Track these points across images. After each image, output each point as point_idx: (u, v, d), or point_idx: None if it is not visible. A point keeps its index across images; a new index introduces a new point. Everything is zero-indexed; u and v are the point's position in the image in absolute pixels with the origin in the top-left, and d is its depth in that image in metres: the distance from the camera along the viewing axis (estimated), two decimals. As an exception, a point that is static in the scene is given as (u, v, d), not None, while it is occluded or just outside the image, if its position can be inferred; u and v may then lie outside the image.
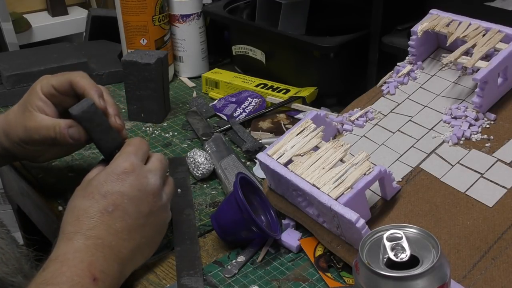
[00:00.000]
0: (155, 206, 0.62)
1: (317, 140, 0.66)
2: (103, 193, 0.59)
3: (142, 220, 0.60)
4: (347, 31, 0.96)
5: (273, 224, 0.69)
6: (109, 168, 0.61)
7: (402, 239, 0.46)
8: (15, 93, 1.05)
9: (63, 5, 1.82)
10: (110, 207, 0.58)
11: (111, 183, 0.59)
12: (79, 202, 0.59)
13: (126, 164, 0.61)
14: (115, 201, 0.58)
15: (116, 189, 0.59)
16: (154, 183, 0.62)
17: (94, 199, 0.58)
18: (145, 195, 0.60)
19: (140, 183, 0.60)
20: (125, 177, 0.60)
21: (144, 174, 0.61)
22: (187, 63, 1.15)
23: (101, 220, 0.57)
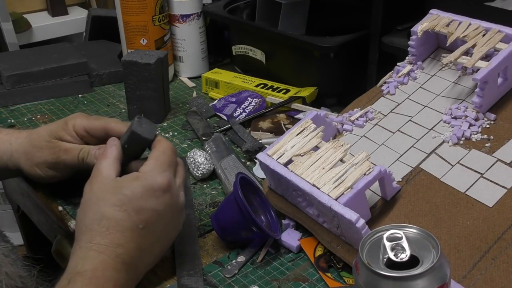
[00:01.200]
0: (180, 221, 0.63)
1: (317, 140, 0.66)
2: (137, 209, 0.57)
3: (165, 236, 0.61)
4: (347, 31, 0.96)
5: (273, 224, 0.69)
6: (145, 181, 0.58)
7: (402, 239, 0.46)
8: (15, 93, 1.05)
9: (63, 5, 1.81)
10: (141, 224, 0.57)
11: (148, 198, 0.58)
12: (109, 211, 0.57)
13: (164, 180, 0.59)
14: (148, 218, 0.57)
15: (151, 207, 0.58)
16: (183, 200, 0.62)
17: (127, 213, 0.57)
18: (176, 213, 0.61)
19: (174, 203, 0.60)
20: (161, 195, 0.58)
21: (177, 192, 0.61)
22: (187, 63, 1.15)
23: (132, 237, 0.56)
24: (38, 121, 1.00)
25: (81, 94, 1.09)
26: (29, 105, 1.06)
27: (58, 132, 0.71)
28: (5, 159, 0.74)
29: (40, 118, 1.01)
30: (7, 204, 1.65)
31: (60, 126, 0.72)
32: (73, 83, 1.09)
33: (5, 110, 1.05)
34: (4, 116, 1.02)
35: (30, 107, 1.06)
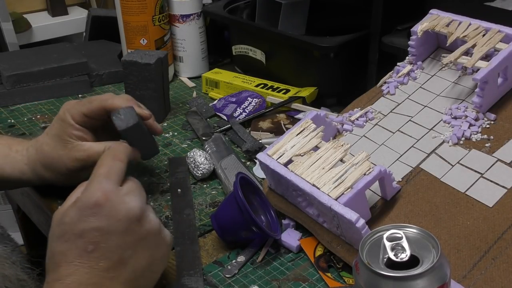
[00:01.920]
0: (144, 231, 0.54)
1: (317, 140, 0.66)
2: (78, 233, 0.51)
3: (129, 251, 0.52)
4: (347, 31, 0.96)
5: (273, 224, 0.69)
6: (79, 201, 0.52)
7: (402, 239, 0.46)
8: (15, 93, 1.05)
9: (63, 5, 1.81)
10: (89, 247, 0.51)
11: (86, 219, 0.51)
12: (55, 246, 0.52)
13: (98, 194, 0.52)
14: (93, 239, 0.51)
15: (92, 226, 0.51)
16: (134, 205, 0.53)
17: (70, 241, 0.51)
18: (127, 223, 0.52)
19: (118, 212, 0.52)
20: (100, 210, 0.51)
21: (121, 200, 0.53)
22: (187, 63, 1.15)
23: (81, 264, 0.50)
24: (38, 121, 1.00)
25: (81, 94, 1.09)
26: (29, 105, 1.06)
27: (62, 132, 0.71)
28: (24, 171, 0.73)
29: (40, 118, 1.01)
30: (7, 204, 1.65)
31: (59, 124, 0.71)
32: (73, 83, 1.09)
33: (5, 110, 1.05)
34: (4, 116, 1.02)
35: (30, 107, 1.06)
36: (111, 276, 0.51)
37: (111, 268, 0.51)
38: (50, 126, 0.73)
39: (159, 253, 0.55)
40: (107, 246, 0.51)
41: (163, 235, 0.56)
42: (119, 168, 0.56)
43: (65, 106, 0.72)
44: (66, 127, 0.70)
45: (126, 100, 0.71)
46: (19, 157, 0.73)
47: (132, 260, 0.52)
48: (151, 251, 0.54)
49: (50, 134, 0.72)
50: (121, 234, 0.52)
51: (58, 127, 0.71)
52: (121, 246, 0.52)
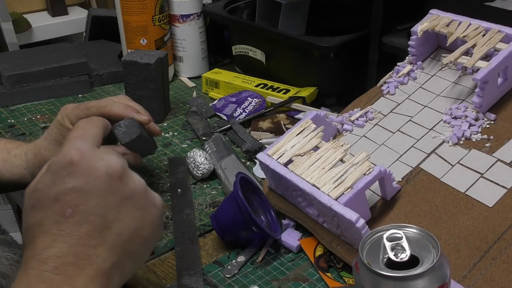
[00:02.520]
0: (127, 189, 0.47)
1: (317, 140, 0.66)
2: (53, 197, 0.45)
3: (113, 213, 0.46)
4: (347, 31, 0.96)
5: (273, 224, 0.69)
6: (52, 164, 0.46)
7: (402, 239, 0.46)
8: (15, 93, 1.05)
9: (63, 5, 1.81)
10: (68, 211, 0.44)
11: (59, 180, 0.45)
12: (30, 217, 0.45)
13: (71, 152, 0.46)
14: (71, 201, 0.45)
15: (68, 186, 0.45)
16: (114, 162, 0.47)
17: (45, 208, 0.45)
18: (108, 181, 0.46)
19: (96, 169, 0.46)
20: (75, 168, 0.45)
21: (98, 157, 0.47)
22: (187, 63, 1.15)
23: (59, 232, 0.44)
24: (38, 121, 1.00)
25: (81, 94, 1.09)
26: (29, 105, 1.06)
27: (61, 138, 0.70)
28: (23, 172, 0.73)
29: (40, 118, 1.01)
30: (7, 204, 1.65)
31: (58, 130, 0.70)
32: (73, 83, 1.09)
33: (5, 110, 1.05)
34: (4, 116, 1.02)
35: (30, 107, 1.06)
36: (94, 244, 0.44)
37: (94, 233, 0.45)
38: (48, 130, 0.72)
39: (148, 216, 0.48)
40: (86, 208, 0.45)
41: (150, 195, 0.50)
42: (95, 132, 0.51)
43: (64, 110, 0.70)
44: (65, 131, 0.70)
45: (124, 107, 0.70)
46: (18, 161, 0.73)
47: (116, 223, 0.46)
48: (138, 212, 0.48)
49: (49, 138, 0.72)
50: (102, 193, 0.46)
51: (57, 132, 0.71)
52: (103, 206, 0.45)
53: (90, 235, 0.44)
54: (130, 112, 0.70)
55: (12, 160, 0.73)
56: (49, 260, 0.43)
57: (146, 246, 0.49)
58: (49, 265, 0.43)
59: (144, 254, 0.49)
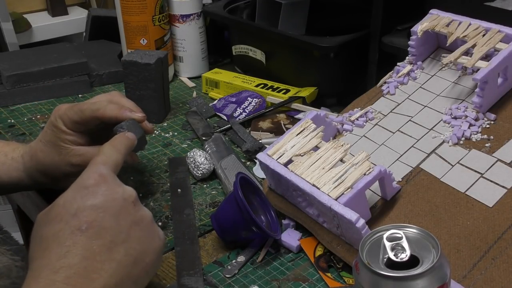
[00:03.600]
0: (138, 215, 0.52)
1: (317, 140, 0.66)
2: (73, 212, 0.49)
3: (123, 234, 0.50)
4: (347, 31, 0.96)
5: (273, 224, 0.69)
6: (75, 184, 0.51)
7: (402, 239, 0.46)
8: (15, 93, 1.05)
9: (63, 5, 1.81)
10: (84, 225, 0.48)
11: (81, 198, 0.50)
12: (46, 229, 0.49)
13: (95, 175, 0.51)
14: (88, 217, 0.49)
15: (88, 204, 0.49)
16: (130, 189, 0.53)
17: (63, 221, 0.48)
18: (123, 204, 0.51)
19: (115, 192, 0.51)
20: (97, 189, 0.51)
21: (117, 183, 0.53)
22: (187, 63, 1.15)
23: (74, 243, 0.47)
24: (38, 121, 1.00)
25: (81, 94, 1.09)
26: (29, 105, 1.06)
27: (55, 138, 0.69)
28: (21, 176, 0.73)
29: (40, 118, 1.01)
30: (7, 204, 1.65)
31: (51, 130, 0.69)
32: (73, 83, 1.09)
33: (5, 110, 1.05)
34: (4, 116, 1.02)
35: (30, 107, 1.06)
36: (102, 260, 0.48)
37: (104, 250, 0.48)
38: (42, 132, 0.72)
39: (153, 244, 0.52)
40: (101, 225, 0.49)
41: (156, 227, 0.54)
42: (117, 159, 0.56)
43: (57, 112, 0.70)
44: (59, 133, 0.69)
45: (117, 108, 0.68)
46: (15, 165, 0.72)
47: (125, 244, 0.50)
48: (144, 239, 0.52)
49: (44, 140, 0.71)
50: (116, 214, 0.50)
51: (51, 134, 0.70)
52: (115, 226, 0.50)
53: (101, 250, 0.48)
54: (124, 112, 0.69)
55: (9, 163, 0.73)
56: (61, 270, 0.45)
57: (146, 273, 0.52)
58: (60, 275, 0.45)
59: (144, 281, 0.52)
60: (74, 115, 0.68)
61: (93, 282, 0.46)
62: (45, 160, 0.70)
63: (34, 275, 0.46)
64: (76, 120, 0.68)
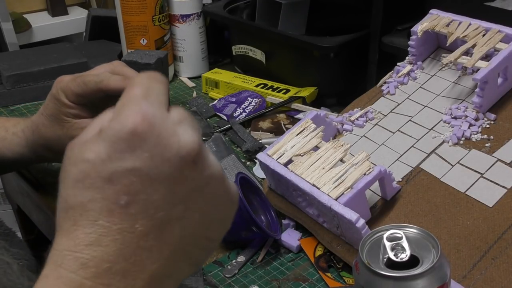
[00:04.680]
0: (200, 178, 0.36)
1: (317, 140, 0.66)
2: (106, 177, 0.34)
3: (179, 208, 0.35)
4: (347, 31, 0.96)
5: (273, 224, 0.69)
6: (108, 130, 0.34)
7: (402, 239, 0.46)
8: (15, 93, 1.05)
9: (63, 5, 1.81)
10: (123, 198, 0.34)
11: (117, 155, 0.34)
12: (72, 194, 0.35)
13: (136, 118, 0.34)
14: (129, 186, 0.34)
15: (127, 166, 0.34)
16: (189, 139, 0.35)
17: (94, 188, 0.34)
18: (179, 165, 0.35)
19: (168, 146, 0.34)
20: (140, 143, 0.34)
21: (171, 129, 0.35)
22: (187, 63, 1.15)
23: (109, 223, 0.34)
24: (38, 121, 1.00)
25: (81, 94, 1.09)
26: (29, 105, 1.06)
27: (57, 112, 0.66)
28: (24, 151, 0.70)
29: (40, 118, 1.01)
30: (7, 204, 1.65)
31: (53, 104, 0.66)
32: (73, 83, 1.09)
33: (5, 110, 1.05)
34: (4, 116, 1.02)
35: (30, 107, 1.06)
36: (150, 245, 0.34)
37: (152, 231, 0.34)
38: (44, 105, 0.68)
39: (221, 213, 0.39)
40: (149, 198, 0.34)
41: (227, 186, 0.39)
42: (162, 91, 0.37)
43: (58, 84, 0.65)
44: (61, 106, 0.65)
45: (121, 79, 0.64)
46: (17, 140, 0.70)
47: (182, 221, 0.36)
48: (209, 208, 0.37)
49: (45, 114, 0.67)
50: (170, 182, 0.35)
51: (53, 107, 0.66)
52: (169, 198, 0.35)
53: (147, 234, 0.34)
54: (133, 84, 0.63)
55: (11, 138, 0.70)
56: (91, 263, 0.33)
57: (207, 251, 0.40)
58: (89, 270, 0.33)
59: (203, 259, 0.40)
60: (77, 88, 0.64)
61: (134, 279, 0.34)
62: (48, 134, 0.68)
63: (55, 261, 0.34)
64: (78, 93, 0.64)
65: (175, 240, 0.35)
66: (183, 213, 0.35)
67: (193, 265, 0.38)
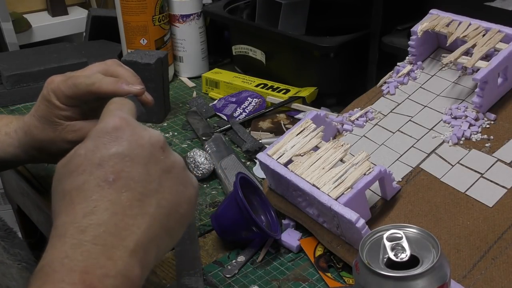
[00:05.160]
0: (168, 162, 0.47)
1: (317, 140, 0.66)
2: (96, 162, 0.44)
3: (154, 184, 0.45)
4: (347, 31, 0.96)
5: (273, 224, 0.69)
6: (95, 131, 0.46)
7: (402, 239, 0.46)
8: (15, 93, 1.05)
9: (63, 5, 1.81)
10: (110, 176, 0.43)
11: (103, 146, 0.44)
12: (68, 182, 0.44)
13: (115, 119, 0.46)
14: (114, 166, 0.44)
15: (112, 152, 0.44)
16: (156, 133, 0.47)
17: (87, 172, 0.43)
18: (151, 150, 0.46)
19: (141, 136, 0.46)
20: (120, 134, 0.45)
21: (141, 126, 0.47)
22: (187, 63, 1.15)
23: (101, 197, 0.43)
24: (38, 121, 1.00)
25: (81, 94, 1.09)
26: (29, 105, 1.06)
27: (49, 114, 0.65)
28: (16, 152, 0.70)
29: (40, 118, 1.01)
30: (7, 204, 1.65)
31: (45, 106, 0.66)
32: (73, 83, 1.09)
33: (5, 110, 1.05)
34: (4, 116, 1.02)
35: (30, 107, 1.05)
36: (135, 213, 0.43)
37: (135, 202, 0.44)
38: (35, 106, 0.68)
39: (186, 193, 0.48)
40: (130, 174, 0.44)
41: (188, 173, 0.49)
42: (131, 106, 0.50)
43: (49, 84, 0.65)
44: (52, 108, 0.65)
45: (113, 82, 0.63)
46: (9, 140, 0.69)
47: (157, 194, 0.45)
48: (178, 187, 0.47)
49: (37, 116, 0.67)
50: (145, 161, 0.45)
51: (44, 109, 0.66)
52: (145, 175, 0.45)
53: (131, 204, 0.43)
54: (121, 86, 0.62)
55: (3, 138, 0.70)
56: (89, 229, 0.41)
57: (181, 224, 0.47)
58: (89, 234, 0.41)
59: (178, 232, 0.48)
60: (68, 90, 0.64)
61: (124, 240, 0.42)
62: (40, 136, 0.67)
63: (58, 234, 0.42)
64: (69, 95, 0.64)
65: (153, 210, 0.44)
66: (157, 188, 0.45)
67: (171, 238, 0.47)
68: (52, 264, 0.40)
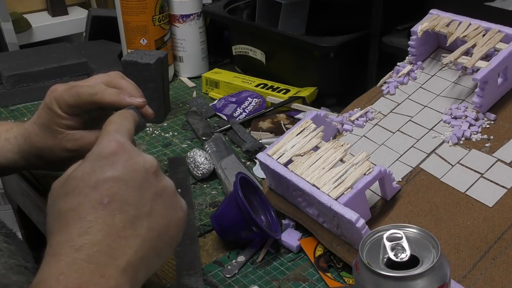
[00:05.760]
0: (160, 186, 0.49)
1: (317, 140, 0.66)
2: (92, 185, 0.46)
3: (146, 207, 0.47)
4: (347, 31, 0.96)
5: (273, 224, 0.69)
6: (92, 154, 0.48)
7: (402, 239, 0.46)
8: (15, 93, 1.05)
9: (63, 5, 1.82)
10: (105, 199, 0.45)
11: (100, 169, 0.46)
12: (63, 203, 0.46)
13: (112, 144, 0.48)
14: (109, 190, 0.46)
15: (108, 175, 0.46)
16: (150, 158, 0.50)
17: (83, 194, 0.45)
18: (145, 175, 0.48)
19: (136, 162, 0.48)
20: (116, 159, 0.47)
21: (136, 151, 0.49)
22: (187, 63, 1.15)
23: (96, 218, 0.45)
24: (38, 121, 1.00)
25: (81, 94, 1.09)
26: (29, 105, 1.06)
27: (50, 122, 0.66)
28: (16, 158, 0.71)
29: (40, 118, 1.01)
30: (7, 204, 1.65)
31: (46, 113, 0.66)
32: (73, 83, 1.09)
33: (5, 110, 1.05)
34: (4, 116, 1.02)
35: (30, 107, 1.06)
36: (127, 235, 0.45)
37: (128, 224, 0.46)
38: (37, 114, 0.68)
39: (175, 216, 0.50)
40: (124, 197, 0.46)
41: (178, 198, 0.51)
42: (129, 127, 0.52)
43: (52, 93, 0.66)
44: (54, 116, 0.66)
45: (116, 93, 0.64)
46: (9, 146, 0.70)
47: (149, 217, 0.47)
48: (168, 211, 0.49)
49: (38, 123, 0.68)
50: (138, 186, 0.47)
51: (46, 116, 0.67)
52: (138, 199, 0.47)
53: (124, 225, 0.45)
54: (123, 98, 0.64)
55: (3, 144, 0.70)
56: (84, 248, 0.43)
57: (170, 246, 0.50)
58: (83, 253, 0.43)
59: (167, 253, 0.50)
60: (70, 99, 0.65)
61: (116, 259, 0.44)
62: (40, 143, 0.68)
63: (54, 252, 0.44)
64: (72, 104, 0.65)
65: (144, 232, 0.47)
66: (149, 211, 0.47)
67: (160, 258, 0.49)
68: (48, 280, 0.42)
